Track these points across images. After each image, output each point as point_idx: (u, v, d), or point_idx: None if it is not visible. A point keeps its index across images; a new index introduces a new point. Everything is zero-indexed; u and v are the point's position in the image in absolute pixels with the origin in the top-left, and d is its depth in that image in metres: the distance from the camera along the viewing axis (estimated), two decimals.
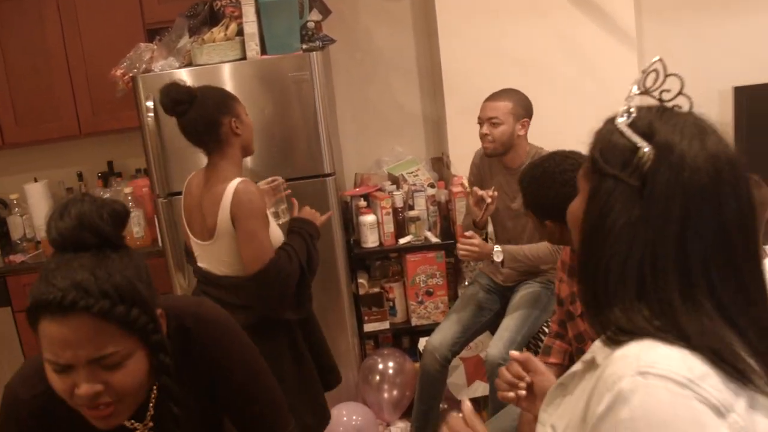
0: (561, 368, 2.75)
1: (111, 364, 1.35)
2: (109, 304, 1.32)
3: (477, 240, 3.42)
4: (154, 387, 1.55)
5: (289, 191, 3.31)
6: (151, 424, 1.57)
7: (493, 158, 3.66)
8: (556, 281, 2.78)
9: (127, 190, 4.36)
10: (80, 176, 4.70)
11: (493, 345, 3.46)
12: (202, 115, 2.72)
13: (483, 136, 3.53)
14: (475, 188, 3.42)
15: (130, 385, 1.39)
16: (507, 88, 3.59)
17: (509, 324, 3.51)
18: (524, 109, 3.54)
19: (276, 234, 2.91)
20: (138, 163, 4.59)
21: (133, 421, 1.55)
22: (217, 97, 2.80)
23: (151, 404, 1.56)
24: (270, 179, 3.31)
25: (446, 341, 3.63)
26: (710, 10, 4.50)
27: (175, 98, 2.72)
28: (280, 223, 3.19)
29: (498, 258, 3.40)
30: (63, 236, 1.37)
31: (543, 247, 3.44)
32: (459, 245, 3.44)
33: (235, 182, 2.75)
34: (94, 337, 1.32)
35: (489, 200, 3.33)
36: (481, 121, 3.54)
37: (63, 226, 1.38)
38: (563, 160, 2.44)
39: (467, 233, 3.41)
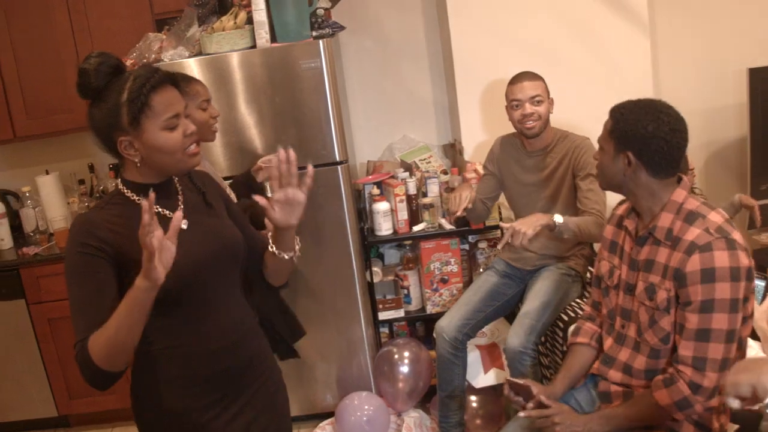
0: (589, 348, 2.73)
1: (187, 113, 2.10)
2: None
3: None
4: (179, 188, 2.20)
5: None
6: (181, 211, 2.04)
7: (516, 143, 3.70)
8: (596, 261, 2.74)
9: None
10: (91, 168, 4.69)
11: (513, 333, 3.44)
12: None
13: (526, 117, 3.51)
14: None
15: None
16: (528, 71, 3.59)
17: (529, 311, 3.49)
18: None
19: None
20: None
21: (168, 211, 2.09)
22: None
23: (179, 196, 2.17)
24: None
25: (453, 322, 3.61)
26: None
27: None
28: None
29: (559, 220, 3.30)
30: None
31: (591, 221, 3.39)
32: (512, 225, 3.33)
33: None
34: (180, 99, 2.06)
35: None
36: (519, 102, 3.52)
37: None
38: (669, 107, 2.37)
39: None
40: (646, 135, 2.31)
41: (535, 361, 3.44)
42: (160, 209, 2.07)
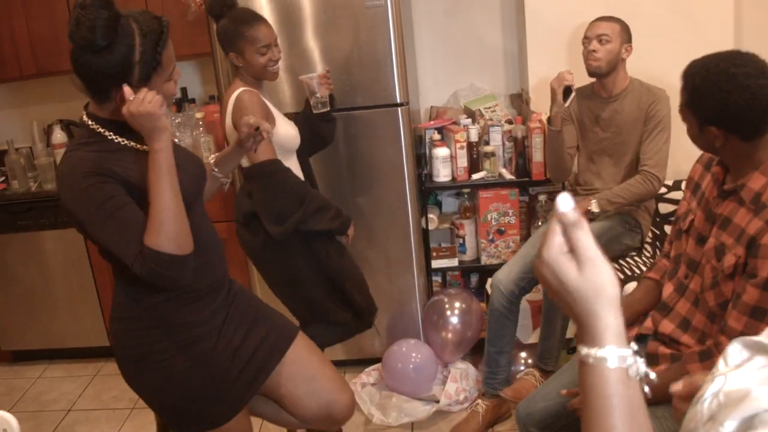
0: (658, 285, 2.56)
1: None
2: None
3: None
4: None
5: None
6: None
7: (590, 91, 3.64)
8: (682, 199, 2.55)
9: (199, 115, 4.33)
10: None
11: None
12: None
13: (589, 53, 3.52)
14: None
15: None
16: (612, 15, 3.56)
17: None
18: (628, 34, 3.56)
19: (288, 133, 3.26)
20: (212, 90, 4.53)
21: (136, 144, 2.19)
22: (229, 33, 3.13)
23: None
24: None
25: (511, 275, 3.51)
26: None
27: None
28: None
29: (596, 209, 3.45)
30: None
31: (636, 182, 3.45)
32: None
33: (238, 91, 3.11)
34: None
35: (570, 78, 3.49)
36: (588, 40, 3.53)
37: None
38: (745, 61, 2.09)
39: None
40: (724, 105, 2.08)
41: None
42: (127, 142, 2.20)
